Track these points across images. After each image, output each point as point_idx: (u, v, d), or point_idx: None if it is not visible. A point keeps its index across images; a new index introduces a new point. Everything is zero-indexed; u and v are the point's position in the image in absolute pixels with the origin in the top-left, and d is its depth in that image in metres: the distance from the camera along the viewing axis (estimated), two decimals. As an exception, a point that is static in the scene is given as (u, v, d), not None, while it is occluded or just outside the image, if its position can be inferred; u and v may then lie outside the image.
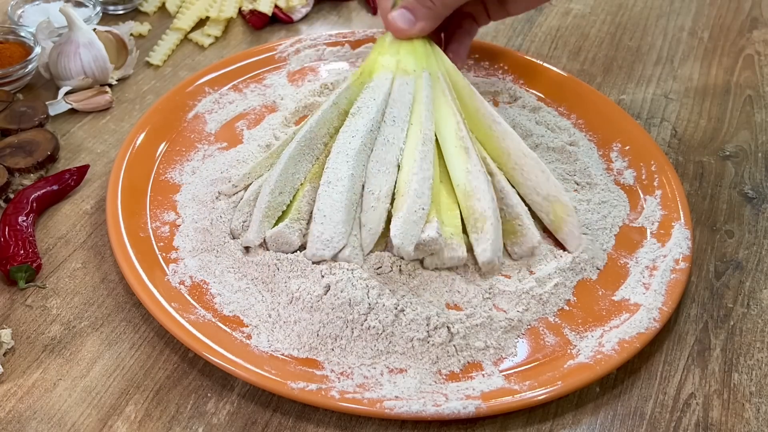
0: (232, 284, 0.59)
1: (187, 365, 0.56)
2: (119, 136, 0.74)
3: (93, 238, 0.65)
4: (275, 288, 0.58)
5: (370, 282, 0.56)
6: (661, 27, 0.93)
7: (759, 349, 0.59)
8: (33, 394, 0.54)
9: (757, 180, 0.73)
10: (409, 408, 0.51)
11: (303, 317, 0.55)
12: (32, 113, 0.73)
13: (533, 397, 0.53)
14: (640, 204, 0.67)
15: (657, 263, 0.62)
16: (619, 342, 0.56)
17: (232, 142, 0.72)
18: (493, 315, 0.57)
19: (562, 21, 0.93)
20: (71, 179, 0.68)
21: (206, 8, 0.88)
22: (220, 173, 0.67)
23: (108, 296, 0.60)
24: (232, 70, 0.78)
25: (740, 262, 0.65)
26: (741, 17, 0.95)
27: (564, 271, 0.60)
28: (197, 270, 0.60)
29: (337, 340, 0.55)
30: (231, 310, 0.57)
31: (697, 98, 0.82)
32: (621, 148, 0.72)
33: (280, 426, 0.53)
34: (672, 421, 0.54)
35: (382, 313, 0.55)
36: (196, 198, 0.65)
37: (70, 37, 0.76)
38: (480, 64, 0.82)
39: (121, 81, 0.81)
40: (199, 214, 0.64)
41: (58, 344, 0.57)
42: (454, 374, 0.54)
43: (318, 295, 0.55)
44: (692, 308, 0.61)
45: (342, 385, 0.52)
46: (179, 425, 0.52)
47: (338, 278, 0.56)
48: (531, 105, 0.76)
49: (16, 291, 0.60)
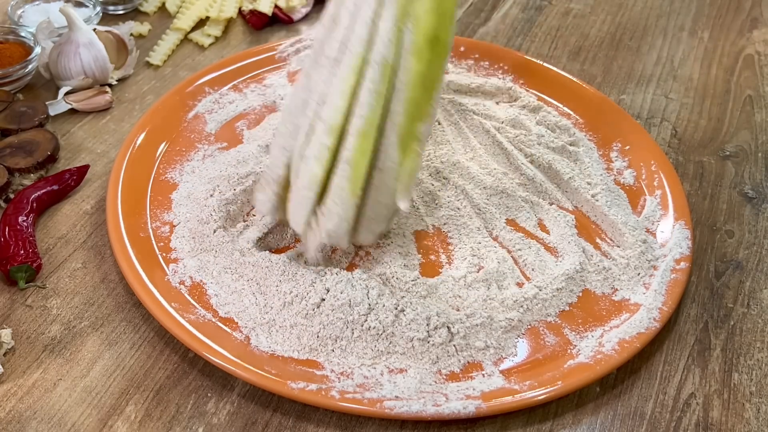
0: (229, 285, 0.59)
1: (188, 365, 0.56)
2: (119, 136, 0.74)
3: (93, 238, 0.65)
4: (267, 291, 0.58)
5: (369, 282, 0.56)
6: (661, 27, 0.93)
7: (759, 349, 0.59)
8: (33, 394, 0.54)
9: (757, 180, 0.73)
10: (409, 408, 0.51)
11: (299, 321, 0.55)
12: (32, 113, 0.73)
13: (533, 397, 0.53)
14: (640, 204, 0.67)
15: (657, 263, 0.62)
16: (619, 342, 0.56)
17: (232, 142, 0.72)
18: (493, 315, 0.57)
19: (562, 21, 0.93)
20: (71, 179, 0.68)
21: (206, 8, 0.88)
22: (219, 172, 0.67)
23: (108, 296, 0.60)
24: (232, 70, 0.78)
25: (740, 262, 0.65)
26: (741, 17, 0.95)
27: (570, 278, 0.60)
28: (197, 270, 0.60)
29: (338, 341, 0.55)
30: (226, 312, 0.57)
31: (697, 98, 0.82)
32: (621, 148, 0.72)
33: (281, 426, 0.53)
34: (672, 421, 0.54)
35: (382, 313, 0.55)
36: (191, 196, 0.65)
37: (70, 37, 0.76)
38: (480, 64, 0.82)
39: (121, 81, 0.81)
40: (192, 212, 0.64)
41: (59, 344, 0.57)
42: (454, 374, 0.54)
43: (315, 303, 0.55)
44: (692, 308, 0.61)
45: (342, 385, 0.52)
46: (179, 425, 0.52)
47: (338, 279, 0.56)
48: (531, 105, 0.76)
49: (17, 291, 0.60)
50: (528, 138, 0.71)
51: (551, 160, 0.69)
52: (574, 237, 0.63)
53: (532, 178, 0.68)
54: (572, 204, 0.67)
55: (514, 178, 0.68)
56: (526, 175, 0.68)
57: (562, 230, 0.64)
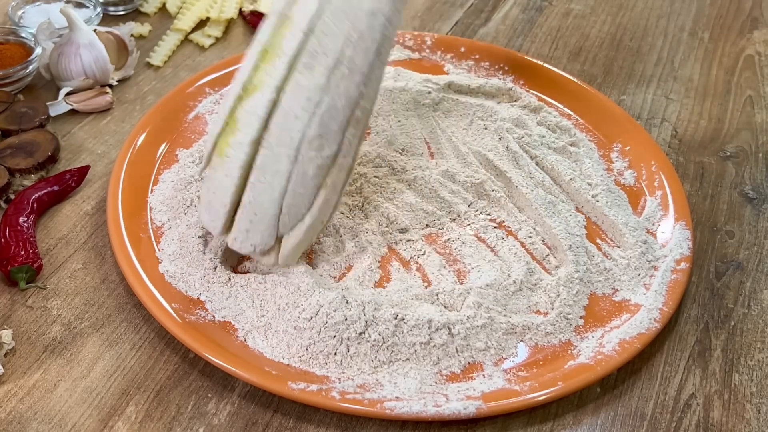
0: (222, 291, 0.59)
1: (188, 366, 0.56)
2: (120, 136, 0.74)
3: (93, 238, 0.65)
4: (264, 294, 0.58)
5: (364, 297, 0.56)
6: (662, 27, 0.93)
7: (759, 349, 0.59)
8: (34, 394, 0.54)
9: (757, 180, 0.73)
10: (409, 408, 0.51)
11: (290, 330, 0.55)
12: (33, 114, 0.73)
13: (534, 398, 0.53)
14: (640, 204, 0.67)
15: (658, 264, 0.62)
16: (620, 342, 0.56)
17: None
18: (494, 316, 0.57)
19: (563, 21, 0.93)
20: (72, 180, 0.68)
21: (207, 9, 0.88)
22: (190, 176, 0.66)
23: (108, 297, 0.60)
24: (233, 71, 0.78)
25: (741, 263, 0.65)
26: (741, 17, 0.95)
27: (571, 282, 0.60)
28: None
29: (330, 356, 0.54)
30: (223, 316, 0.57)
31: (698, 99, 0.82)
32: (621, 148, 0.72)
33: (281, 427, 0.53)
34: (672, 421, 0.54)
35: (381, 325, 0.54)
36: (165, 202, 0.65)
37: (71, 38, 0.76)
38: (480, 64, 0.82)
39: (121, 82, 0.81)
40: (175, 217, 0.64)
41: (59, 345, 0.57)
42: (454, 375, 0.54)
43: (306, 318, 0.55)
44: (693, 309, 0.61)
45: (342, 385, 0.52)
46: (180, 426, 0.52)
47: (332, 297, 0.55)
48: (532, 105, 0.76)
49: (17, 292, 0.60)
50: (531, 139, 0.71)
51: (554, 161, 0.69)
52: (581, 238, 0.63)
53: (542, 180, 0.68)
54: (573, 204, 0.67)
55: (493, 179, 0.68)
56: (536, 178, 0.68)
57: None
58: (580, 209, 0.67)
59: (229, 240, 0.56)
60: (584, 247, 0.62)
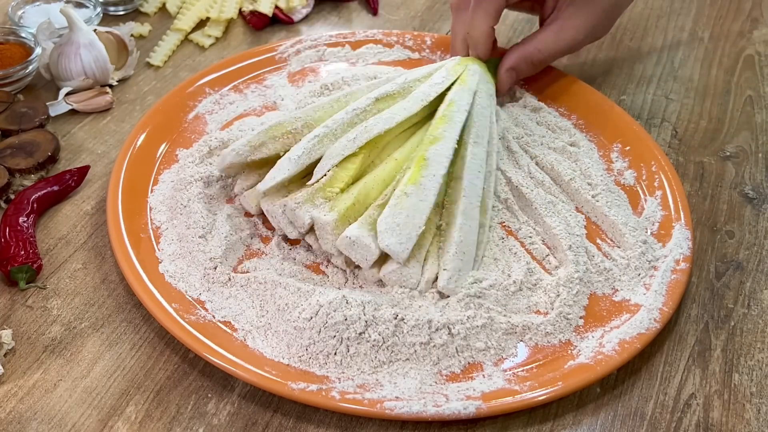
0: (222, 291, 0.59)
1: (188, 366, 0.56)
2: (120, 136, 0.74)
3: (93, 238, 0.65)
4: (264, 294, 0.58)
5: (364, 297, 0.56)
6: (662, 27, 0.93)
7: (759, 349, 0.59)
8: (33, 394, 0.54)
9: (757, 180, 0.73)
10: (409, 408, 0.51)
11: (290, 330, 0.55)
12: (33, 114, 0.73)
13: (534, 398, 0.53)
14: (640, 204, 0.67)
15: (657, 264, 0.62)
16: (620, 342, 0.56)
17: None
18: (494, 316, 0.57)
19: (563, 21, 0.93)
20: (72, 180, 0.68)
21: (207, 9, 0.88)
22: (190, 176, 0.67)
23: (108, 297, 0.60)
24: (233, 71, 0.78)
25: (741, 263, 0.65)
26: (741, 18, 0.95)
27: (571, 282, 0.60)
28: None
29: (329, 356, 0.54)
30: (223, 316, 0.57)
31: (698, 99, 0.82)
32: (621, 148, 0.72)
33: (281, 427, 0.53)
34: (672, 421, 0.54)
35: (381, 325, 0.54)
36: (165, 202, 0.65)
37: (71, 38, 0.76)
38: (480, 64, 0.82)
39: (121, 82, 0.81)
40: (176, 217, 0.64)
41: (59, 345, 0.57)
42: (454, 375, 0.54)
43: (306, 318, 0.55)
44: (693, 309, 0.61)
45: (342, 385, 0.52)
46: (180, 426, 0.52)
47: (332, 297, 0.55)
48: (532, 105, 0.76)
49: (17, 292, 0.60)
50: (531, 139, 0.71)
51: (553, 161, 0.69)
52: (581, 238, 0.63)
53: (542, 181, 0.68)
54: (573, 204, 0.67)
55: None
56: (536, 178, 0.68)
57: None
58: (580, 209, 0.67)
59: (442, 281, 0.58)
60: (584, 247, 0.62)
